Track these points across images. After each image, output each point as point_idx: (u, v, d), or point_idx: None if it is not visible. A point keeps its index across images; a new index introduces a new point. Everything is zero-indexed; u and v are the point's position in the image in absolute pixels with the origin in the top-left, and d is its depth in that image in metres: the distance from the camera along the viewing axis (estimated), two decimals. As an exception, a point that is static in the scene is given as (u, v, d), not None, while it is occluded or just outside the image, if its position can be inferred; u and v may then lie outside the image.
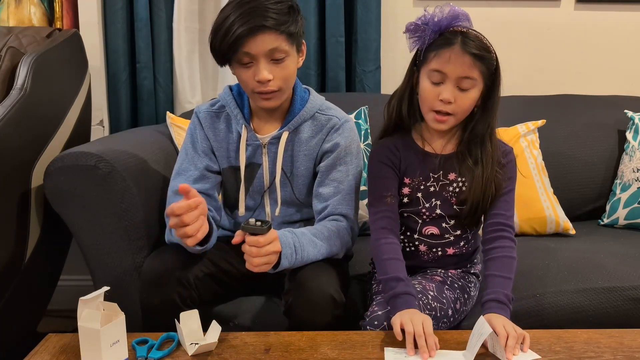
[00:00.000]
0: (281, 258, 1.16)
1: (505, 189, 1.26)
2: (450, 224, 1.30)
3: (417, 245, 1.32)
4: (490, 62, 1.21)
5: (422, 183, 1.29)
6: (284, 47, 1.23)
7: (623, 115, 1.94)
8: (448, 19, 1.20)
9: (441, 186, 1.28)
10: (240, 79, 1.29)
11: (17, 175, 1.41)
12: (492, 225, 1.25)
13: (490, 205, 1.26)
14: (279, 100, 1.29)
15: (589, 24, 2.20)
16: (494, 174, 1.24)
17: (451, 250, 1.31)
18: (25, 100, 1.43)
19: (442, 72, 1.18)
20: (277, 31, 1.21)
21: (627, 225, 1.84)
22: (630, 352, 1.06)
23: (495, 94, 1.25)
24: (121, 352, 1.00)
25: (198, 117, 1.38)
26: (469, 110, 1.23)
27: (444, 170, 1.28)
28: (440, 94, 1.19)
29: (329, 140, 1.34)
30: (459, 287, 1.29)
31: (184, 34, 2.05)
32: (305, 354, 1.05)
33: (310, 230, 1.26)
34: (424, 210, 1.29)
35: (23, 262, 1.46)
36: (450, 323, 1.25)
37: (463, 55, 1.17)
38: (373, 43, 2.07)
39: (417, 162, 1.29)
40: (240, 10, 1.20)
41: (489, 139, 1.25)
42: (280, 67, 1.25)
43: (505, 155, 1.29)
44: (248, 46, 1.21)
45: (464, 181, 1.27)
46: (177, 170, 1.36)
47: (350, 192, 1.34)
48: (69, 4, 2.03)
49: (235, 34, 1.19)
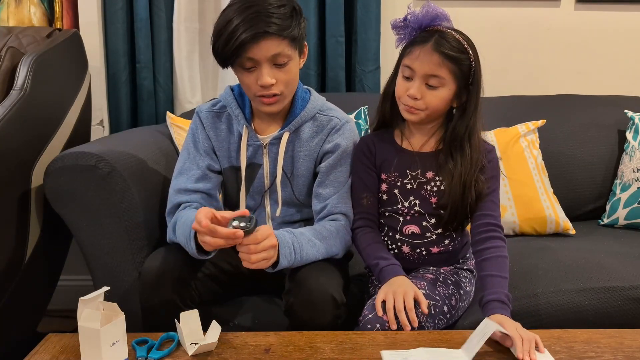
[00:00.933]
0: (280, 257, 1.16)
1: (488, 189, 1.27)
2: (431, 222, 1.30)
3: (400, 247, 1.32)
4: (463, 64, 1.22)
5: (398, 179, 1.31)
6: (286, 52, 1.23)
7: (623, 115, 1.94)
8: (428, 18, 1.23)
9: (419, 184, 1.29)
10: (242, 82, 1.29)
11: (17, 175, 1.41)
12: (482, 226, 1.26)
13: (475, 207, 1.26)
14: (281, 104, 1.30)
15: (589, 24, 2.20)
16: (474, 179, 1.25)
17: (435, 249, 1.31)
18: (25, 100, 1.43)
19: (411, 68, 1.23)
20: (280, 36, 1.21)
21: (627, 225, 1.84)
22: (630, 352, 1.06)
23: (473, 95, 1.25)
24: (121, 352, 1.00)
25: (199, 116, 1.38)
26: (439, 108, 1.25)
27: (422, 169, 1.29)
28: (408, 89, 1.23)
29: (329, 141, 1.34)
30: (453, 282, 1.30)
31: (184, 34, 2.05)
32: (305, 354, 1.05)
33: (309, 230, 1.26)
34: (403, 208, 1.31)
35: (23, 262, 1.46)
36: (447, 320, 1.25)
37: (432, 53, 1.20)
38: (373, 43, 2.07)
39: (393, 158, 1.31)
40: (243, 14, 1.19)
41: (468, 142, 1.25)
42: (283, 72, 1.25)
43: (486, 154, 1.29)
44: (251, 52, 1.21)
45: (442, 180, 1.28)
46: (179, 170, 1.36)
47: (349, 191, 1.35)
48: (69, 4, 2.03)
49: (238, 39, 1.19)
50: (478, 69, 1.24)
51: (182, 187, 1.32)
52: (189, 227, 1.18)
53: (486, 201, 1.27)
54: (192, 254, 1.19)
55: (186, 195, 1.31)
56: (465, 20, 2.14)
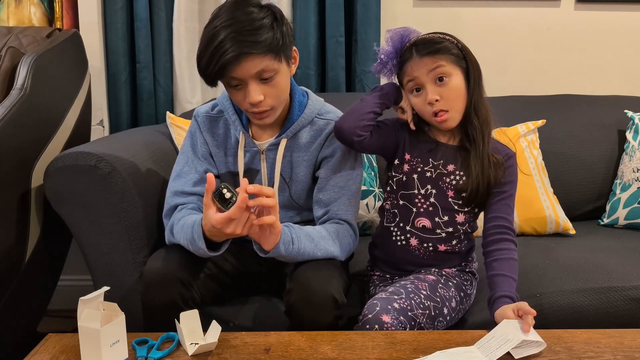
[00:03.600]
0: (279, 243, 1.16)
1: (506, 193, 1.29)
2: (444, 219, 1.30)
3: (408, 239, 1.32)
4: (451, 48, 1.26)
5: (419, 165, 1.31)
6: (271, 67, 1.21)
7: (623, 115, 1.94)
8: (397, 42, 1.29)
9: (438, 174, 1.30)
10: (232, 98, 1.28)
11: (17, 176, 1.41)
12: (495, 227, 1.27)
13: (493, 204, 1.28)
14: (273, 117, 1.28)
15: (589, 24, 2.20)
16: (488, 151, 1.27)
17: (442, 247, 1.31)
18: (25, 100, 1.43)
19: (414, 79, 1.26)
20: (262, 54, 1.19)
21: (627, 225, 1.84)
22: (630, 352, 1.06)
23: (470, 72, 1.27)
24: (121, 352, 1.00)
25: (197, 120, 1.37)
26: (460, 99, 1.26)
27: (444, 160, 1.30)
28: (426, 98, 1.25)
29: (328, 146, 1.33)
30: (455, 285, 1.30)
31: (184, 34, 2.05)
32: (305, 354, 1.05)
33: (307, 227, 1.26)
34: (419, 196, 1.30)
35: (23, 262, 1.46)
36: (447, 322, 1.25)
37: (421, 59, 1.25)
38: (373, 43, 2.07)
39: (420, 143, 1.33)
40: (226, 31, 1.17)
41: (475, 115, 1.28)
42: (271, 86, 1.23)
43: (507, 158, 1.31)
44: (235, 71, 1.19)
45: (462, 175, 1.28)
46: (177, 173, 1.35)
47: (350, 197, 1.33)
48: (69, 4, 2.03)
49: (220, 61, 1.17)
50: (465, 48, 1.28)
51: (180, 189, 1.31)
52: (191, 228, 1.18)
53: (502, 204, 1.28)
54: (201, 253, 1.19)
55: (183, 198, 1.31)
56: (465, 20, 2.17)
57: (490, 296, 1.20)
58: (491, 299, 1.19)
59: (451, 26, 1.31)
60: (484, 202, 1.30)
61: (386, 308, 1.16)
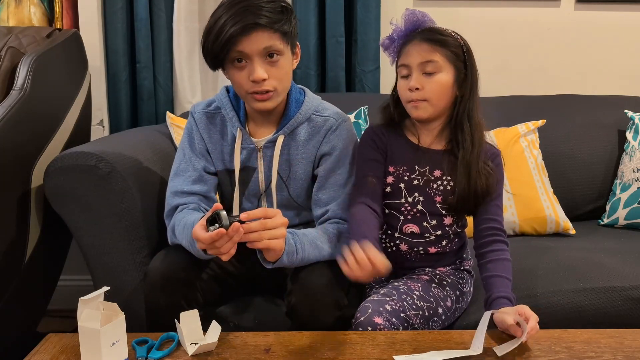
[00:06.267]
0: (282, 254, 1.16)
1: (494, 194, 1.28)
2: (432, 223, 1.30)
3: (398, 245, 1.32)
4: (454, 45, 1.25)
5: (405, 174, 1.30)
6: (278, 46, 1.21)
7: (623, 115, 1.94)
8: (410, 25, 1.28)
9: (425, 181, 1.29)
10: (234, 80, 1.26)
11: (17, 175, 1.41)
12: (487, 229, 1.27)
13: (482, 207, 1.27)
14: (274, 102, 1.27)
15: (589, 24, 2.20)
16: (479, 160, 1.25)
17: (433, 249, 1.31)
18: (25, 100, 1.43)
19: (406, 64, 1.25)
20: (271, 29, 1.19)
21: (627, 225, 1.84)
22: (630, 352, 1.06)
23: (469, 77, 1.26)
24: (121, 352, 1.00)
25: (194, 117, 1.37)
26: (442, 97, 1.25)
27: (431, 166, 1.29)
28: (409, 83, 1.24)
29: (326, 143, 1.32)
30: (449, 284, 1.29)
31: (184, 34, 2.05)
32: (305, 354, 1.05)
33: (310, 232, 1.25)
34: (406, 204, 1.30)
35: (23, 262, 1.46)
36: (442, 322, 1.25)
37: (421, 43, 1.24)
38: (373, 43, 2.07)
39: (403, 152, 1.31)
40: (232, 10, 1.18)
41: (468, 122, 1.26)
42: (276, 67, 1.23)
43: (493, 158, 1.30)
44: (242, 45, 1.19)
45: (450, 180, 1.28)
46: (176, 171, 1.34)
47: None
48: (69, 4, 2.03)
49: (228, 33, 1.17)
50: (470, 52, 1.27)
51: (179, 189, 1.31)
52: (190, 230, 1.17)
53: (492, 205, 1.28)
54: (200, 255, 1.19)
55: (183, 198, 1.30)
56: (465, 20, 2.17)
57: (487, 297, 1.19)
58: (488, 300, 1.19)
59: (451, 26, 1.30)
60: (472, 211, 1.29)
61: (378, 310, 1.16)
